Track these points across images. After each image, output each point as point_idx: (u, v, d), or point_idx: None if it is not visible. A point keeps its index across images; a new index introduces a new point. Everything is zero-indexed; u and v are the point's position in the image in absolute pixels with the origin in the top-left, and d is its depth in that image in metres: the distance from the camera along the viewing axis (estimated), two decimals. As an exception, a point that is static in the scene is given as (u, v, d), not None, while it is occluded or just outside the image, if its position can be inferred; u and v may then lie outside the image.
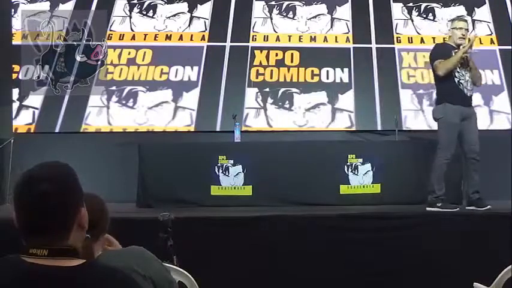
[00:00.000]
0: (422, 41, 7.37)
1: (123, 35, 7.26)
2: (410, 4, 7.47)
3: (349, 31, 7.33)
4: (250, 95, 7.08)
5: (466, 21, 5.49)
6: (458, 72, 5.29)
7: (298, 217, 4.95)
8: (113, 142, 6.83)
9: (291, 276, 4.57)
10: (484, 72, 6.51)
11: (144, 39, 7.24)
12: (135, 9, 7.32)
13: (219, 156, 5.90)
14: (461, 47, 5.27)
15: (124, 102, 7.00)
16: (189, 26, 7.30)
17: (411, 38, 7.40)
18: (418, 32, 7.42)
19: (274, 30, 7.35)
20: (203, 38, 7.27)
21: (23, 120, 6.95)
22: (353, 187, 5.91)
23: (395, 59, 7.25)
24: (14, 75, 6.94)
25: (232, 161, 5.89)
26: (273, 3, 7.41)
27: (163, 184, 5.90)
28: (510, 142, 6.29)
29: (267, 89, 7.10)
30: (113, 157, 6.66)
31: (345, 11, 7.41)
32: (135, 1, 7.34)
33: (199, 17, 7.32)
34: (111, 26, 7.25)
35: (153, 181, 5.93)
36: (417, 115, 7.07)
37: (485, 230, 4.73)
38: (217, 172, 5.89)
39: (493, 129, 6.91)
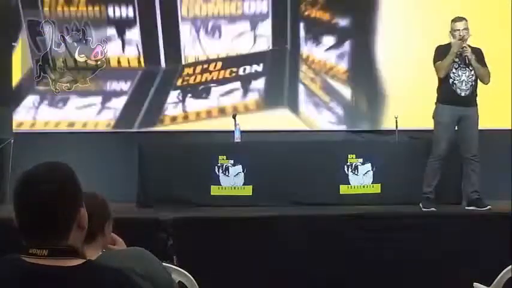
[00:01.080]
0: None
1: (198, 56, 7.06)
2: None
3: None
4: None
5: (464, 20, 5.49)
6: (453, 73, 5.32)
7: (298, 217, 4.96)
8: (113, 142, 6.83)
9: (290, 276, 4.58)
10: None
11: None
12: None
13: (219, 156, 5.90)
14: (452, 47, 5.29)
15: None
16: None
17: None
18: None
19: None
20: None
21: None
22: (353, 187, 5.91)
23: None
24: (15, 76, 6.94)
25: (232, 161, 5.89)
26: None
27: (163, 184, 5.90)
28: (510, 142, 6.30)
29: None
30: (113, 157, 6.67)
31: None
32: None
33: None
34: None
35: (153, 181, 5.93)
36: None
37: (485, 230, 4.74)
38: (217, 172, 5.89)
39: (493, 129, 6.91)
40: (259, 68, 7.09)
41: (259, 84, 7.05)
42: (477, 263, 4.40)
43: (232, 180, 5.88)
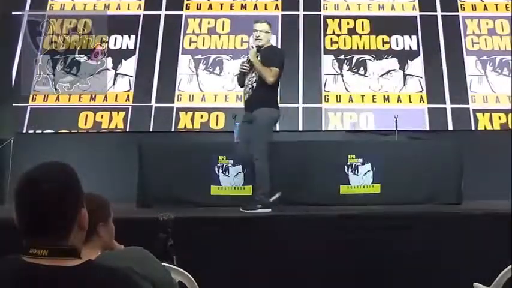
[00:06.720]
0: (485, 8, 7.84)
1: (200, 4, 7.81)
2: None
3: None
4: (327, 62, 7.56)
5: (263, 23, 5.40)
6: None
7: (298, 217, 4.95)
8: (113, 142, 6.84)
9: (290, 276, 4.57)
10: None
11: (221, 8, 7.80)
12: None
13: (219, 156, 5.91)
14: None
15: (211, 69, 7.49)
16: None
17: (475, 5, 7.83)
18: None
19: (344, -1, 7.83)
20: (276, 7, 7.80)
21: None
22: (353, 187, 5.91)
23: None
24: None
25: (232, 161, 5.89)
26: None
27: (163, 184, 5.89)
28: (510, 142, 6.30)
29: (342, 56, 7.55)
30: (113, 157, 6.67)
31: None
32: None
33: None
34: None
35: (153, 181, 5.92)
36: (481, 80, 7.48)
37: (485, 230, 4.74)
38: (217, 172, 5.89)
39: (493, 129, 6.92)
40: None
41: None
42: (477, 263, 4.39)
43: (232, 180, 5.88)
